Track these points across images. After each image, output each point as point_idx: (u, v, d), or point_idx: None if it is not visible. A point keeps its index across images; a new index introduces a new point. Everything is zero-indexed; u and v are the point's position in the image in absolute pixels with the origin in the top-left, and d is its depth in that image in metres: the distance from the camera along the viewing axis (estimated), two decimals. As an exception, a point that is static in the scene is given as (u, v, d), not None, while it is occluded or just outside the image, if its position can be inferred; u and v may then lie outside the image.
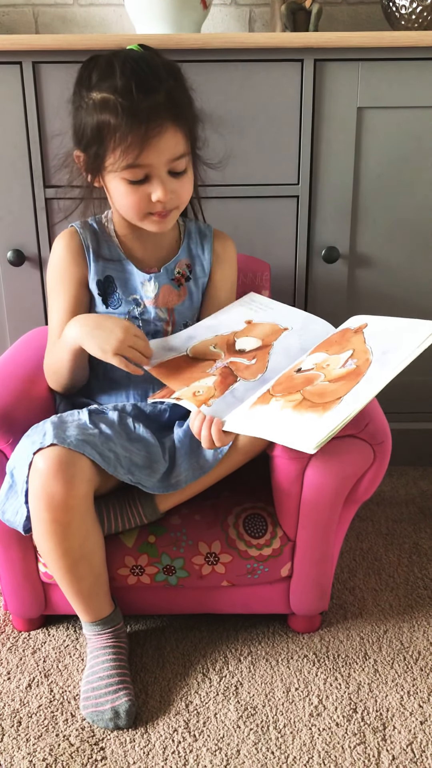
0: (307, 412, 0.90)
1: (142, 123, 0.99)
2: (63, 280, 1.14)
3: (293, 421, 0.90)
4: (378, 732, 1.01)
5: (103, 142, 1.02)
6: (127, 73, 1.00)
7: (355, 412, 0.88)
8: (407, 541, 1.46)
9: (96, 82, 1.02)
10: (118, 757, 0.98)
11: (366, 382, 0.91)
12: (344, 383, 0.92)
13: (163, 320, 1.17)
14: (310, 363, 1.01)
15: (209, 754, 0.98)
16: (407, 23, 1.56)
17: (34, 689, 1.10)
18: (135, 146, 1.00)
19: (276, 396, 0.96)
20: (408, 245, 1.58)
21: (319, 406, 0.90)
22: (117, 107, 0.99)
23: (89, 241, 1.15)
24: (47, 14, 1.82)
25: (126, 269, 1.16)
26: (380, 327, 1.03)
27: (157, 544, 1.11)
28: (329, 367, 0.97)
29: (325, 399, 0.91)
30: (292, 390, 0.96)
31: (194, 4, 1.55)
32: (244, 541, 1.11)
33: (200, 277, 1.20)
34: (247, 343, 1.09)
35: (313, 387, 0.94)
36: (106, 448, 1.00)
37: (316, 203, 1.53)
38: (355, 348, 0.99)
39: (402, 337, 0.97)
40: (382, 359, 0.94)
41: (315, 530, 1.09)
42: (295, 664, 1.14)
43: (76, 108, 1.06)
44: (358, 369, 0.94)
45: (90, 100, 1.02)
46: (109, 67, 1.01)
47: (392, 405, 1.69)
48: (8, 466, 1.04)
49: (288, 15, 1.55)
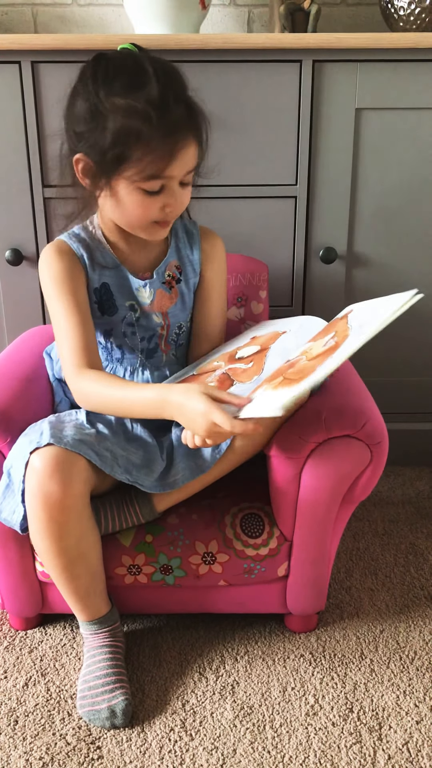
0: (283, 388, 0.90)
1: (172, 135, 0.97)
2: (64, 287, 1.08)
3: (269, 396, 0.90)
4: (374, 731, 1.01)
5: (126, 150, 0.97)
6: (161, 81, 0.96)
7: (323, 374, 0.87)
8: (404, 541, 1.46)
9: (123, 86, 0.97)
10: (114, 756, 0.98)
11: (338, 351, 0.91)
12: (321, 358, 0.93)
13: (159, 324, 1.17)
14: (297, 353, 1.02)
15: (205, 753, 0.98)
16: (406, 25, 1.57)
17: (31, 688, 1.10)
18: (163, 158, 0.98)
19: (264, 386, 0.96)
20: (405, 246, 1.58)
21: (294, 381, 0.90)
22: (150, 116, 0.95)
23: (82, 250, 1.11)
24: (46, 14, 1.82)
25: (122, 275, 1.14)
26: (363, 308, 1.03)
27: (154, 544, 1.11)
28: (311, 350, 0.98)
29: (302, 374, 0.91)
30: (276, 376, 0.96)
31: (193, 5, 1.55)
32: (241, 540, 1.11)
33: (191, 278, 1.19)
34: (246, 351, 1.10)
35: (294, 368, 0.95)
36: (103, 447, 1.00)
37: (314, 204, 1.53)
38: (338, 330, 0.99)
39: (378, 309, 0.97)
40: (358, 331, 0.94)
41: (312, 530, 1.09)
42: (292, 664, 1.14)
43: (89, 111, 0.99)
44: (336, 344, 0.94)
45: (112, 105, 0.97)
46: (140, 71, 0.97)
47: (389, 405, 1.69)
48: (5, 465, 1.04)
49: (287, 16, 1.55)
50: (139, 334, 1.16)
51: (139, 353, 1.17)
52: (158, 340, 1.18)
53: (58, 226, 1.49)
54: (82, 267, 1.10)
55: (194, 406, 0.93)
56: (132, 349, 1.17)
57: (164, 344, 1.19)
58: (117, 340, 1.16)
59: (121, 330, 1.16)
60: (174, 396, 0.96)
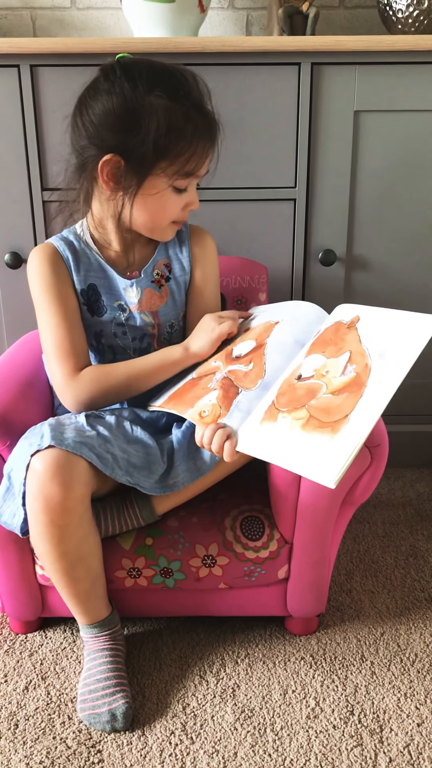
0: (315, 432, 0.90)
1: (208, 135, 1.06)
2: (51, 291, 1.10)
3: (305, 445, 0.89)
4: (375, 734, 1.01)
5: (168, 147, 1.02)
6: (197, 84, 1.06)
7: (365, 437, 0.87)
8: (404, 544, 1.46)
9: (162, 86, 1.02)
10: (115, 759, 0.98)
11: (369, 398, 0.90)
12: (348, 397, 0.92)
13: (149, 324, 1.17)
14: (309, 369, 1.00)
15: (206, 757, 0.98)
16: (404, 27, 1.57)
17: (31, 692, 1.10)
18: (200, 157, 1.06)
19: (282, 411, 0.95)
20: (405, 248, 1.58)
21: (327, 426, 0.90)
22: (192, 116, 1.03)
23: (68, 252, 1.13)
24: (45, 17, 1.82)
25: (108, 276, 1.15)
26: (373, 321, 1.02)
27: (155, 547, 1.11)
28: (329, 374, 0.97)
29: (332, 417, 0.90)
30: (297, 404, 0.95)
31: (192, 8, 1.55)
32: (241, 543, 1.11)
33: (180, 275, 1.19)
34: (243, 348, 1.09)
35: (317, 401, 0.94)
36: (103, 449, 1.00)
37: (313, 206, 1.53)
38: (352, 350, 0.98)
39: (398, 336, 0.96)
40: (380, 364, 0.94)
41: (312, 532, 1.09)
42: (292, 667, 1.14)
43: (125, 109, 1.01)
44: (359, 377, 0.93)
45: (152, 103, 1.01)
46: (176, 73, 1.04)
47: (389, 407, 1.68)
48: (5, 468, 1.04)
49: (285, 18, 1.56)
50: (129, 333, 1.16)
51: (132, 352, 1.18)
52: (150, 339, 1.18)
53: (57, 229, 1.49)
54: (65, 266, 1.13)
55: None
56: (124, 349, 1.17)
57: (156, 343, 1.19)
58: (108, 341, 1.17)
59: (111, 330, 1.16)
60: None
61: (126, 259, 1.16)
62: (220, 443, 0.95)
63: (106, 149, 1.03)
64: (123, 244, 1.14)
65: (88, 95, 1.05)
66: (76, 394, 1.08)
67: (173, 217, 1.11)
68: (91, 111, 1.04)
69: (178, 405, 1.05)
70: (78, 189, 1.10)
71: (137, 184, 1.05)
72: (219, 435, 0.95)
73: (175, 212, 1.10)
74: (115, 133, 1.02)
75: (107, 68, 1.04)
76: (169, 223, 1.11)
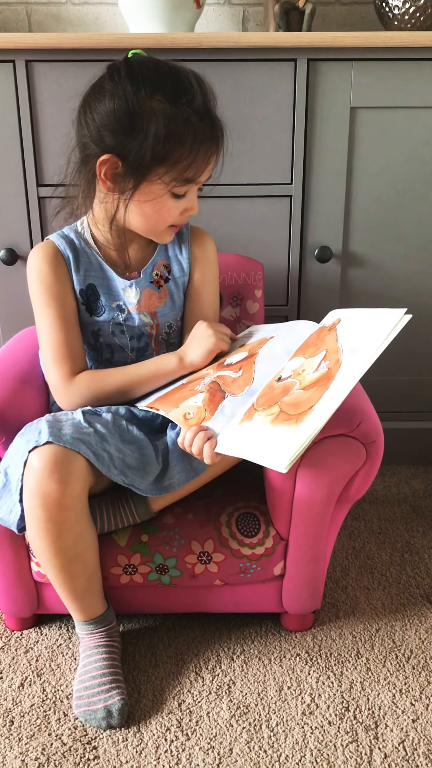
0: (282, 425, 0.90)
1: (211, 142, 1.04)
2: (50, 293, 1.10)
3: (269, 436, 0.89)
4: (370, 730, 1.02)
5: (166, 153, 1.00)
6: (202, 89, 1.03)
7: (323, 423, 0.87)
8: (399, 540, 1.47)
9: (166, 90, 1.00)
10: (110, 756, 0.98)
11: (334, 387, 0.90)
12: (316, 390, 0.92)
13: (147, 324, 1.17)
14: (288, 370, 1.00)
15: (202, 753, 0.98)
16: (400, 23, 1.57)
17: (27, 689, 1.10)
18: (200, 164, 1.04)
19: (258, 410, 0.95)
20: (400, 244, 1.58)
21: (292, 418, 0.90)
22: (193, 123, 1.01)
23: (68, 251, 1.12)
24: (40, 12, 1.81)
25: (107, 276, 1.15)
26: (352, 321, 1.02)
27: (150, 543, 1.11)
28: (304, 373, 0.97)
29: (299, 409, 0.90)
30: (271, 402, 0.95)
31: (188, 4, 1.55)
32: (236, 540, 1.11)
33: (179, 276, 1.19)
34: (235, 357, 1.09)
35: (289, 397, 0.94)
36: (100, 447, 1.00)
37: (309, 203, 1.53)
38: (328, 348, 0.98)
39: (369, 330, 0.96)
40: (351, 358, 0.93)
41: (307, 529, 1.09)
42: (288, 663, 1.14)
43: (126, 112, 1.00)
44: (329, 372, 0.93)
45: (154, 107, 0.99)
46: (181, 77, 1.02)
47: (384, 404, 1.70)
48: (2, 465, 1.04)
49: (281, 15, 1.55)
50: (127, 333, 1.16)
51: (129, 351, 1.17)
52: (148, 340, 1.18)
53: (53, 225, 1.49)
54: (65, 266, 1.12)
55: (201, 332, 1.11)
56: (122, 347, 1.17)
57: (154, 343, 1.19)
58: (106, 339, 1.17)
59: (110, 330, 1.16)
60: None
61: (125, 259, 1.16)
62: (200, 445, 0.95)
63: (105, 149, 1.03)
64: (120, 244, 1.14)
65: (92, 93, 1.04)
66: (71, 399, 1.10)
67: (171, 222, 1.09)
68: (93, 110, 1.03)
69: (164, 404, 1.05)
70: (79, 185, 1.10)
71: (134, 187, 1.04)
72: (200, 437, 0.95)
73: (172, 217, 1.08)
74: (114, 135, 1.02)
75: (113, 68, 1.03)
76: (166, 227, 1.10)
